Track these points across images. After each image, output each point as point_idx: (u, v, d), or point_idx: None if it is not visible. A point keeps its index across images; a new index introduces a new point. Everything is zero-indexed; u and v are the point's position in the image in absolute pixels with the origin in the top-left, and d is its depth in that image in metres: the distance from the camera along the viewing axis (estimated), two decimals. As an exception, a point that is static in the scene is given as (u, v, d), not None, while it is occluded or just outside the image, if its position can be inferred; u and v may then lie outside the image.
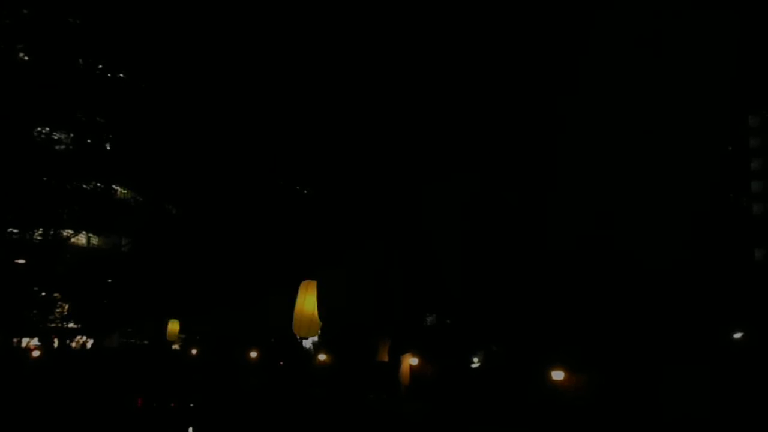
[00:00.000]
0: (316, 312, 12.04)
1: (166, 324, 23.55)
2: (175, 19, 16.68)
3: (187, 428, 13.89)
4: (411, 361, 13.37)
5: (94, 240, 25.41)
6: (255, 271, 17.66)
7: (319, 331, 13.86)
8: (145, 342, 27.69)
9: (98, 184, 18.97)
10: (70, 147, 18.11)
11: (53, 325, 24.24)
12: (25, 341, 24.36)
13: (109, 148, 19.39)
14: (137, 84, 18.38)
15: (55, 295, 22.28)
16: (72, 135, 18.23)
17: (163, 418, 14.76)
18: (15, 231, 18.33)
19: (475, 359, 13.58)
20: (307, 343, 21.22)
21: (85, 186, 18.74)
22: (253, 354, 19.63)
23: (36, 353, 22.75)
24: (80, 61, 17.53)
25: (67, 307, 23.54)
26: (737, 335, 11.88)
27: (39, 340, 25.13)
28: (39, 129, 17.42)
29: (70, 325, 25.45)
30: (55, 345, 25.59)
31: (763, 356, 9.56)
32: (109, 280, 22.49)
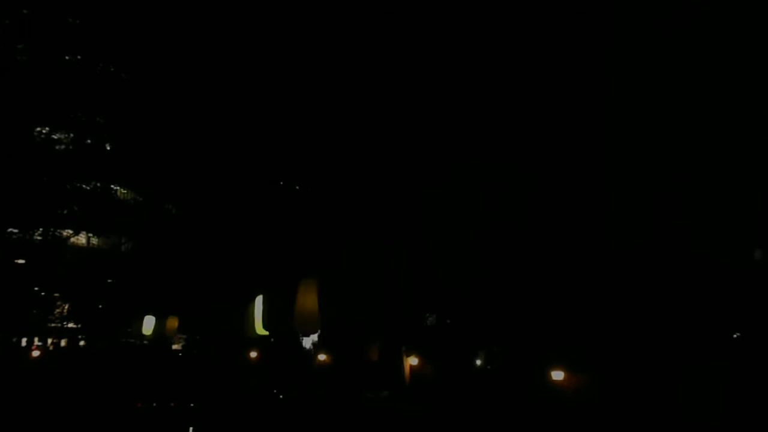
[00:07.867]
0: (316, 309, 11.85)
1: (164, 322, 23.39)
2: (175, 19, 16.67)
3: (188, 429, 13.87)
4: (411, 361, 13.37)
5: (94, 240, 25.38)
6: (255, 270, 17.63)
7: (319, 331, 13.84)
8: (145, 342, 27.61)
9: (98, 184, 18.98)
10: (70, 147, 18.10)
11: (53, 325, 24.24)
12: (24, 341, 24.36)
13: (108, 148, 19.39)
14: (137, 84, 18.37)
15: (55, 295, 22.28)
16: (72, 135, 18.23)
17: (163, 419, 14.73)
18: (15, 231, 18.31)
19: (478, 361, 13.58)
20: (307, 343, 21.20)
21: (84, 186, 18.75)
22: (253, 354, 19.61)
23: (36, 353, 22.71)
24: (80, 60, 17.52)
25: (66, 307, 23.52)
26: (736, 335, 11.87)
27: (39, 340, 25.12)
28: (39, 129, 17.41)
29: (70, 325, 25.44)
30: (52, 345, 25.57)
31: (763, 356, 9.55)
32: (109, 280, 22.46)
